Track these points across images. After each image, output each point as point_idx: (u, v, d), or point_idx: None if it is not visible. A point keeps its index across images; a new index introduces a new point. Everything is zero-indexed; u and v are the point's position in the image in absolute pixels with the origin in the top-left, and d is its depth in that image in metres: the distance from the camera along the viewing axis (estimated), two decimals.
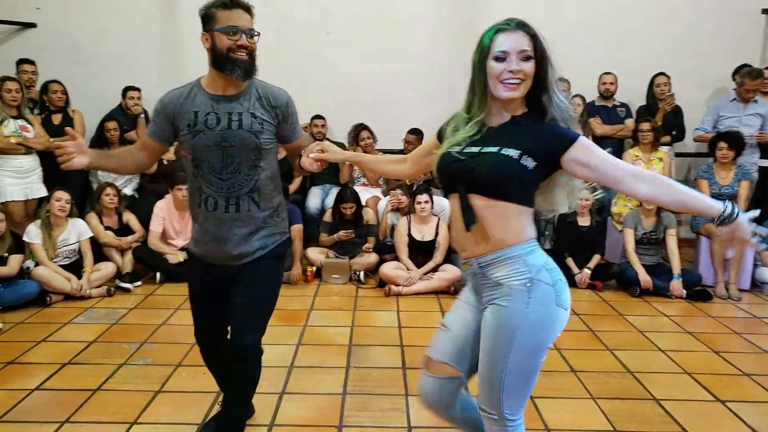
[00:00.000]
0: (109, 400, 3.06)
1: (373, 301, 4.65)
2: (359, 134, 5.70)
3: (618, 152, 5.66)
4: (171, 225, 5.07)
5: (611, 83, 5.85)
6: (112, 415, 2.91)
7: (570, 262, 5.06)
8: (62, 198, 4.52)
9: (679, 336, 4.06)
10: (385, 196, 5.63)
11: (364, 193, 5.68)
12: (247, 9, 2.21)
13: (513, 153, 1.72)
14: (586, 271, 4.98)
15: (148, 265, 4.95)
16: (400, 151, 5.90)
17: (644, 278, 4.80)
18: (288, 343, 3.76)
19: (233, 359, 2.35)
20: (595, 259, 5.05)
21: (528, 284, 1.74)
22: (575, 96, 5.68)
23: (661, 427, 2.86)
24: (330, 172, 5.86)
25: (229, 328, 2.42)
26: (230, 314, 2.36)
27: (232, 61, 2.16)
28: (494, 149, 1.75)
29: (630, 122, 5.83)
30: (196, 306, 2.52)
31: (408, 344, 3.80)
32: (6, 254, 4.37)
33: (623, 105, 5.99)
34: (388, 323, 4.16)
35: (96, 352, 3.66)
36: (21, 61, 5.46)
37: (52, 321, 4.16)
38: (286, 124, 2.33)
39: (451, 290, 4.74)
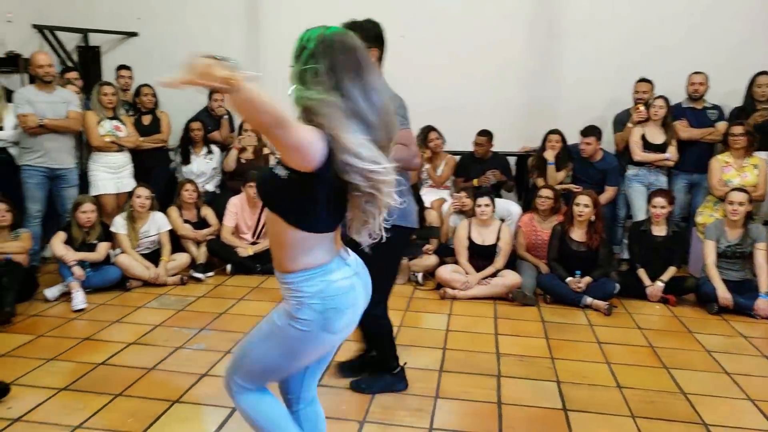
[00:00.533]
0: (160, 379, 3.31)
1: (426, 302, 4.65)
2: (428, 135, 5.71)
3: (706, 157, 5.31)
4: (243, 220, 5.34)
5: (701, 83, 5.47)
6: (159, 392, 3.14)
7: (642, 273, 4.79)
8: (142, 195, 4.90)
9: (754, 360, 3.75)
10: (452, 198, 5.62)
11: (431, 195, 5.70)
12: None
13: (274, 166, 1.71)
14: (659, 284, 4.69)
15: (220, 257, 5.25)
16: (471, 154, 5.86)
17: (723, 295, 4.47)
18: None
19: None
20: (670, 271, 4.75)
21: (297, 306, 1.77)
22: (658, 97, 5.38)
23: None
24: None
25: None
26: None
27: None
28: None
29: (721, 125, 5.43)
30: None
31: (451, 347, 3.79)
32: (96, 242, 4.81)
33: (715, 107, 5.58)
34: (436, 325, 4.16)
35: (159, 335, 3.95)
36: (119, 67, 5.97)
37: (128, 304, 4.53)
38: None
39: (509, 297, 4.65)
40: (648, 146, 5.38)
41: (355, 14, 5.94)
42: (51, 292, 4.55)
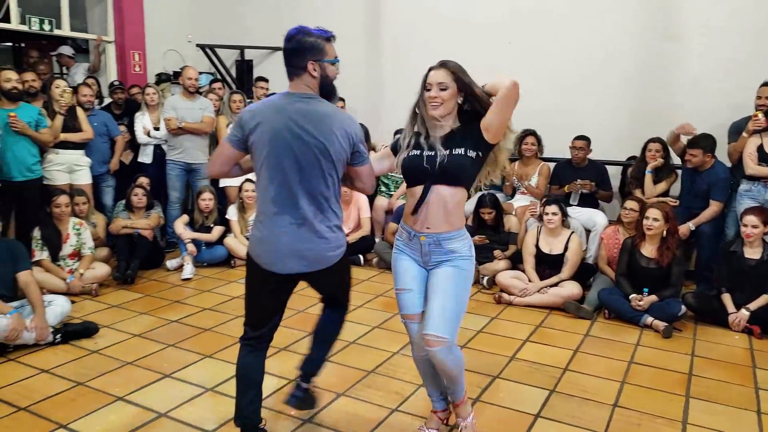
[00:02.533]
0: (208, 339, 3.97)
1: (480, 305, 4.74)
2: (524, 139, 5.71)
3: None
4: None
5: None
6: (196, 348, 3.80)
7: (726, 298, 4.35)
8: (249, 188, 5.68)
9: None
10: None
11: (522, 201, 5.70)
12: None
13: (461, 151, 2.43)
14: (744, 313, 4.23)
15: None
16: (568, 161, 5.73)
17: None
18: (367, 324, 4.22)
19: None
20: (761, 299, 4.25)
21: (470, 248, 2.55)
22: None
23: None
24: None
25: None
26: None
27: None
28: (447, 152, 2.43)
29: None
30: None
31: (470, 347, 3.90)
32: (212, 225, 5.71)
33: None
34: (470, 326, 4.25)
35: (232, 305, 4.64)
36: (257, 79, 6.91)
37: (225, 278, 5.33)
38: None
39: (563, 306, 4.55)
40: (765, 159, 4.82)
41: (460, 21, 6.26)
42: (171, 263, 5.55)
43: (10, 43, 9.04)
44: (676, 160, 5.35)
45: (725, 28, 5.47)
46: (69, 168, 5.41)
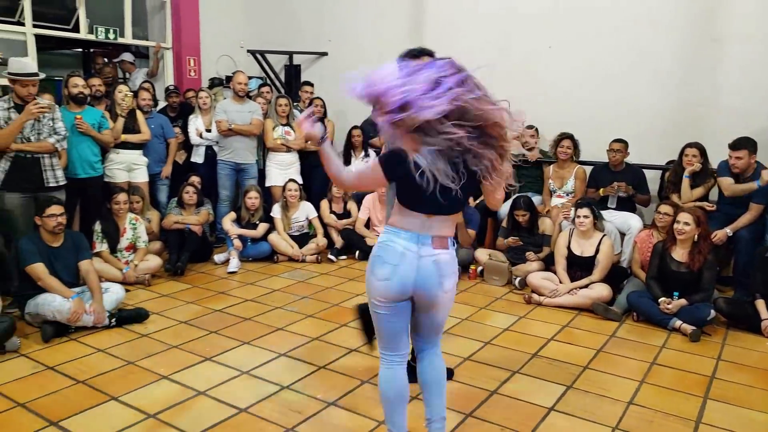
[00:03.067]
0: (248, 327, 4.25)
1: (510, 304, 4.86)
2: (560, 142, 5.79)
3: None
4: (375, 215, 6.13)
5: None
6: (248, 336, 4.07)
7: (760, 304, 4.34)
8: (292, 188, 5.97)
9: None
10: None
11: (558, 204, 5.79)
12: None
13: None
14: None
15: (352, 244, 6.10)
16: (605, 164, 5.76)
17: None
18: None
19: None
20: None
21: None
22: None
23: None
24: (532, 180, 6.11)
25: None
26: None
27: None
28: None
29: None
30: None
31: (495, 343, 4.03)
32: (258, 222, 6.03)
33: None
34: (498, 323, 4.39)
35: (273, 297, 4.92)
36: (303, 84, 7.20)
37: (268, 273, 5.63)
38: None
39: (591, 307, 4.63)
40: None
41: (508, 27, 6.37)
42: (218, 257, 5.89)
43: (80, 49, 9.66)
44: (714, 164, 5.33)
45: None
46: (128, 167, 5.81)
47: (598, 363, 3.78)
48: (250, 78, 7.27)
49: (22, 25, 6.61)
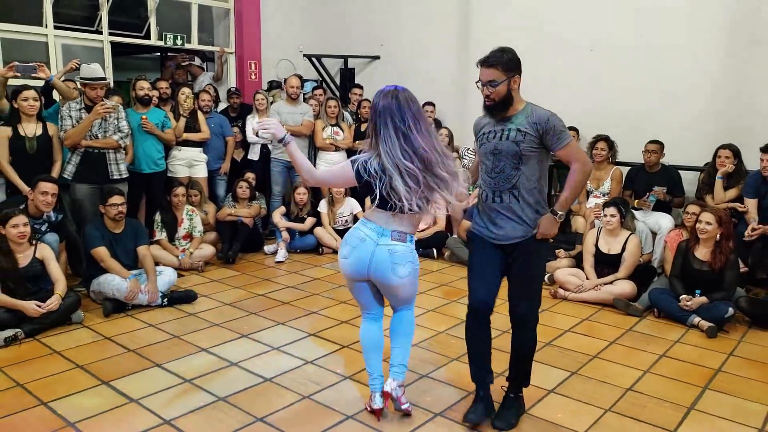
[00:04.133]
0: (285, 310, 4.65)
1: None
2: (595, 144, 5.90)
3: None
4: None
5: None
6: (283, 318, 4.48)
7: None
8: None
9: None
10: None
11: (594, 204, 5.89)
12: (486, 64, 2.82)
13: None
14: None
15: None
16: (642, 165, 5.82)
17: None
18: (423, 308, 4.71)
19: (512, 324, 3.05)
20: None
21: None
22: None
23: None
24: None
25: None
26: (509, 287, 3.01)
27: (483, 104, 2.92)
28: None
29: None
30: (472, 275, 3.06)
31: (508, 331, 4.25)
32: (305, 216, 6.44)
33: None
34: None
35: (313, 285, 5.31)
36: (353, 86, 7.56)
37: (312, 263, 6.03)
38: (547, 137, 2.83)
39: (613, 302, 4.75)
40: None
41: (550, 33, 6.52)
42: (268, 248, 6.35)
43: (158, 53, 10.44)
44: (749, 166, 5.32)
45: None
46: (189, 163, 6.36)
47: (609, 353, 3.94)
48: (306, 81, 7.74)
49: (100, 33, 7.31)
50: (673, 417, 3.12)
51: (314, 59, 8.11)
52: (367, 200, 6.60)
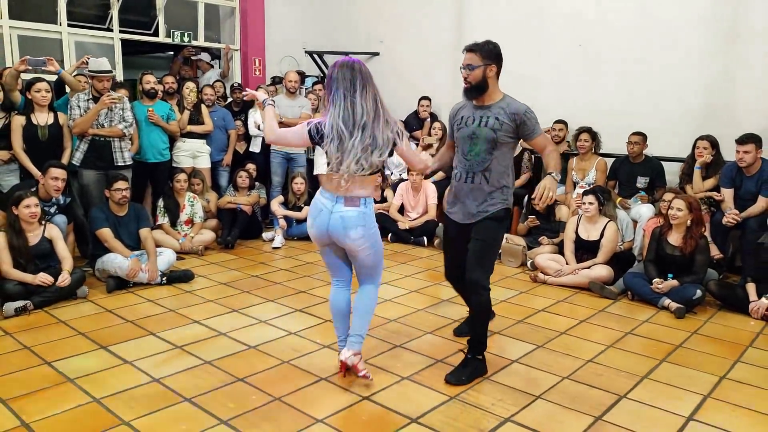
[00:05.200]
0: (276, 289, 4.93)
1: (514, 281, 5.28)
2: (578, 136, 6.12)
3: None
4: (408, 201, 6.68)
5: None
6: (273, 296, 4.76)
7: (750, 287, 4.55)
8: None
9: None
10: None
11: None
12: (468, 49, 3.20)
13: None
14: (764, 301, 4.41)
15: (385, 227, 6.66)
16: (626, 157, 6.03)
17: None
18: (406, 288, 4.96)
19: (468, 287, 3.33)
20: None
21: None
22: None
23: None
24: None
25: None
26: (467, 257, 3.30)
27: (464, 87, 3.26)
28: None
29: None
30: (446, 251, 3.64)
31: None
32: (302, 205, 6.73)
33: None
34: (499, 296, 4.80)
35: (305, 268, 5.59)
36: None
37: (307, 250, 6.30)
38: (523, 127, 3.16)
39: (589, 286, 4.97)
40: None
41: (546, 27, 6.73)
42: (266, 235, 6.65)
43: (171, 52, 10.80)
44: (727, 157, 5.50)
45: None
46: (192, 154, 6.67)
47: (577, 330, 4.17)
48: (307, 77, 8.02)
49: (111, 31, 7.67)
50: (625, 384, 3.34)
51: (316, 55, 8.41)
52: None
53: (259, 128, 7.28)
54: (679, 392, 3.27)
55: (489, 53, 3.17)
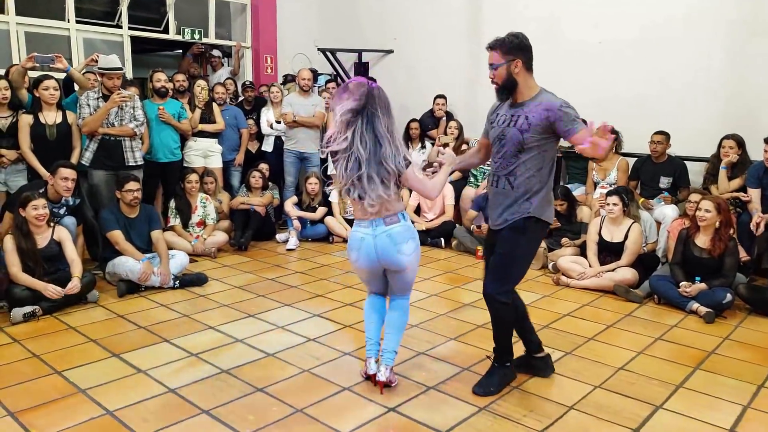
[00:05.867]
0: (292, 293, 4.80)
1: (538, 284, 5.13)
2: None
3: None
4: (424, 201, 6.55)
5: None
6: (290, 300, 4.63)
7: None
8: None
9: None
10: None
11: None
12: (489, 47, 2.97)
13: None
14: None
15: None
16: (648, 156, 5.86)
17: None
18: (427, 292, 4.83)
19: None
20: None
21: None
22: None
23: None
24: (579, 172, 6.31)
25: None
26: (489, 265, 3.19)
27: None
28: None
29: None
30: (486, 258, 3.31)
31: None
32: (317, 206, 6.59)
33: None
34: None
35: (321, 271, 5.46)
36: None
37: (322, 251, 6.18)
38: (559, 124, 2.86)
39: (614, 289, 4.81)
40: None
41: (560, 22, 6.57)
42: (280, 237, 6.52)
43: (180, 50, 10.68)
44: (753, 156, 5.33)
45: None
46: (204, 153, 6.54)
47: (604, 336, 4.02)
48: (320, 75, 7.88)
49: (120, 28, 7.55)
50: (660, 394, 3.19)
51: (328, 53, 8.26)
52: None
53: (272, 127, 7.15)
54: (717, 402, 3.12)
55: (511, 47, 2.92)
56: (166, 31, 8.03)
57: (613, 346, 3.84)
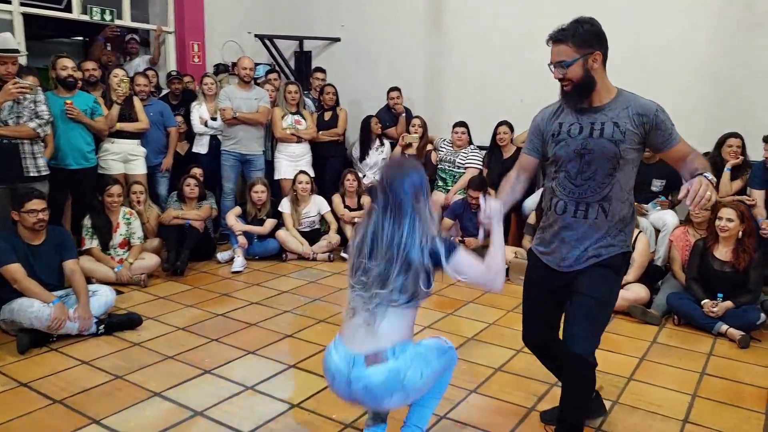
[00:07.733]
0: (254, 334, 3.87)
1: None
2: None
3: None
4: None
5: None
6: (253, 345, 3.70)
7: None
8: (303, 180, 5.61)
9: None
10: None
11: None
12: (554, 40, 2.26)
13: None
14: None
15: None
16: None
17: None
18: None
19: (567, 363, 2.40)
20: None
21: None
22: None
23: None
24: None
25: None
26: (566, 319, 2.43)
27: (561, 91, 2.34)
28: None
29: None
30: (529, 306, 2.62)
31: (528, 351, 3.64)
32: (264, 217, 5.64)
33: None
34: (504, 322, 4.07)
35: (281, 300, 4.55)
36: (315, 70, 6.80)
37: (276, 272, 5.25)
38: (656, 133, 2.30)
39: (628, 310, 4.22)
40: None
41: (531, 13, 5.90)
42: (222, 256, 5.52)
43: (81, 37, 9.26)
44: (752, 156, 4.92)
45: None
46: (124, 158, 5.43)
47: (643, 374, 3.39)
48: (257, 64, 6.86)
49: (9, 3, 6.20)
50: None
51: (266, 40, 7.26)
52: (336, 197, 5.95)
53: (206, 125, 6.11)
54: None
55: (586, 38, 2.23)
56: (68, 9, 6.72)
57: (659, 388, 3.21)
